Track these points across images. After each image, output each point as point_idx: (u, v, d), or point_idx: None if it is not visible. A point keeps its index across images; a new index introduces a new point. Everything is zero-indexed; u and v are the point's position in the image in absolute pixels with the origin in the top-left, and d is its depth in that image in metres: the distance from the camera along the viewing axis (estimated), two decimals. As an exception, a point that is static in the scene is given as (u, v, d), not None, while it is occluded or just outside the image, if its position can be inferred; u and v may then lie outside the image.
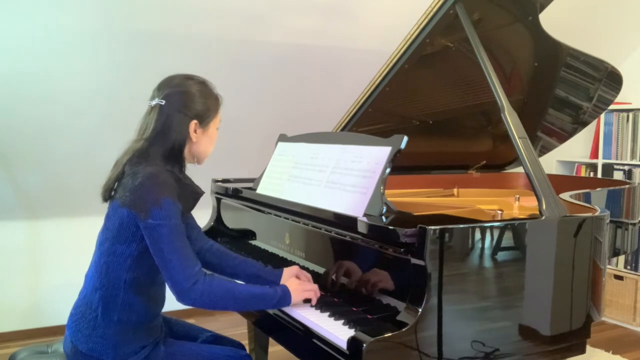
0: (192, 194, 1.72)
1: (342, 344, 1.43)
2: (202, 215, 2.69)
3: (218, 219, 2.59)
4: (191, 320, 3.57)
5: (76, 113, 3.12)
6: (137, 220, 1.57)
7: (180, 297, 1.56)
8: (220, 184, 2.56)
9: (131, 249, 1.61)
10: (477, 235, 1.55)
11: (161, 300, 1.75)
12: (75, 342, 1.64)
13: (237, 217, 2.47)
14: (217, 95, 1.78)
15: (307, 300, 1.73)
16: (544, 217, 1.70)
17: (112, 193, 1.68)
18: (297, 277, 1.85)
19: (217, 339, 1.95)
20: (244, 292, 1.63)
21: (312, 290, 1.73)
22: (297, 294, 1.70)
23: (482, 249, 1.56)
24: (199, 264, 1.59)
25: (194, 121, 1.69)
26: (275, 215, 2.08)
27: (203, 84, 1.75)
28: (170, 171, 1.66)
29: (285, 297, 1.67)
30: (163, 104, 1.67)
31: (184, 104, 1.68)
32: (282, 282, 1.86)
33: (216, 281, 1.60)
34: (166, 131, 1.67)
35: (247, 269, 1.93)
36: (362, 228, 1.64)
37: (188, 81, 1.73)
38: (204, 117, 1.72)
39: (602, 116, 3.85)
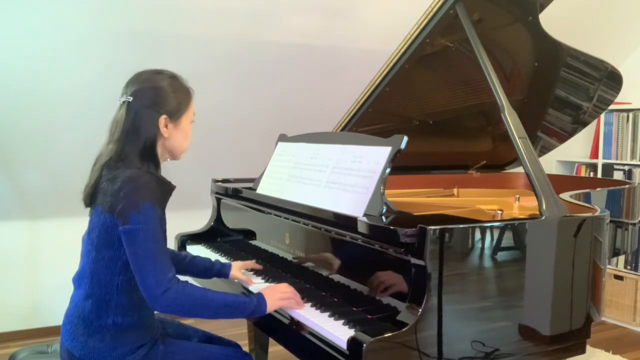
0: (168, 190, 1.68)
1: (342, 344, 1.43)
2: (202, 216, 2.70)
3: (218, 219, 2.59)
4: (190, 321, 3.57)
5: (76, 113, 3.12)
6: (118, 224, 1.55)
7: (152, 304, 1.54)
8: (220, 184, 2.56)
9: (119, 252, 1.59)
10: (477, 235, 1.55)
11: None
12: (71, 349, 1.63)
13: (237, 217, 2.47)
14: (188, 88, 1.74)
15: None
16: (544, 217, 1.70)
17: (92, 197, 1.67)
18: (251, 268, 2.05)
19: (212, 339, 1.96)
20: (216, 300, 1.60)
21: (290, 298, 1.69)
22: (273, 302, 1.67)
23: (482, 249, 1.56)
24: (173, 271, 1.57)
25: (164, 116, 1.66)
26: (275, 215, 2.08)
27: (172, 77, 1.72)
28: (152, 173, 1.63)
29: (260, 305, 1.65)
30: (131, 100, 1.65)
31: (152, 99, 1.65)
32: (232, 274, 2.01)
33: (189, 289, 1.57)
34: (135, 129, 1.64)
35: (197, 265, 2.02)
36: (362, 228, 1.64)
37: (156, 76, 1.70)
38: (175, 112, 1.68)
39: (602, 116, 3.85)
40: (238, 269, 2.04)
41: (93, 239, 1.63)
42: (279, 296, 1.69)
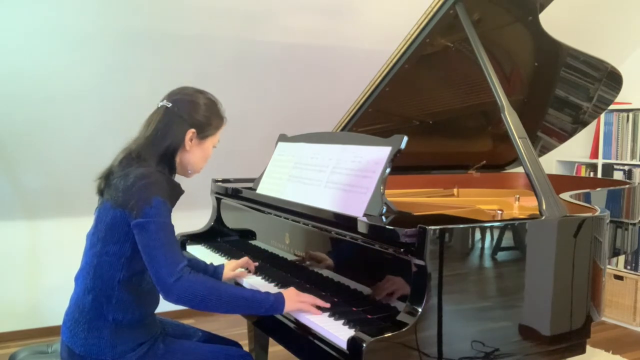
0: (177, 193, 1.72)
1: (342, 344, 1.43)
2: (202, 215, 2.70)
3: (218, 219, 2.59)
4: (191, 320, 3.57)
5: (76, 113, 3.13)
6: (129, 219, 1.58)
7: (164, 293, 1.55)
8: (220, 184, 2.56)
9: (124, 248, 1.62)
10: (477, 235, 1.55)
11: (155, 298, 1.75)
12: (71, 346, 1.64)
13: (237, 217, 2.47)
14: (223, 116, 1.83)
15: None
16: (544, 217, 1.70)
17: (103, 187, 1.69)
18: (247, 268, 2.08)
19: (211, 338, 1.96)
20: (230, 293, 1.61)
21: (308, 302, 1.67)
22: (291, 304, 1.65)
23: (482, 249, 1.56)
24: (185, 262, 1.59)
25: (192, 130, 1.73)
26: (275, 215, 2.08)
27: (213, 101, 1.81)
28: (163, 173, 1.68)
29: (277, 304, 1.64)
30: (169, 106, 1.73)
31: (187, 111, 1.73)
32: (224, 275, 2.01)
33: (201, 279, 1.58)
34: (164, 132, 1.70)
35: (191, 267, 1.98)
36: (362, 228, 1.64)
37: (199, 94, 1.79)
38: (203, 130, 1.75)
39: (602, 116, 3.85)
40: (231, 269, 2.05)
41: (99, 233, 1.65)
42: (298, 298, 1.67)
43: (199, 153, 1.77)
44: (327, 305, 1.67)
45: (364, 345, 1.35)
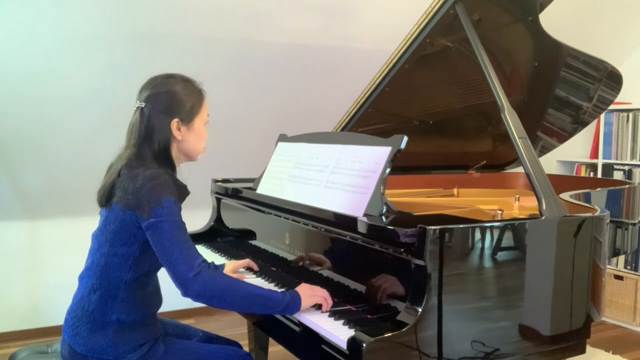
0: (184, 194, 1.71)
1: (342, 344, 1.43)
2: (202, 215, 2.70)
3: (218, 219, 2.59)
4: (191, 320, 3.57)
5: (76, 113, 3.13)
6: (140, 220, 1.57)
7: (184, 289, 1.54)
8: (220, 184, 2.56)
9: (133, 249, 1.62)
10: (477, 235, 1.55)
11: (159, 299, 1.77)
12: (73, 345, 1.64)
13: (237, 217, 2.47)
14: (201, 90, 1.76)
15: (318, 306, 1.68)
16: (544, 217, 1.70)
17: (108, 198, 1.67)
18: (249, 267, 2.05)
19: (211, 339, 1.96)
20: (248, 290, 1.60)
21: (322, 296, 1.67)
22: (307, 299, 1.64)
23: (482, 249, 1.56)
24: (202, 257, 1.59)
25: (175, 119, 1.69)
26: (275, 215, 2.08)
27: (185, 81, 1.74)
28: (170, 174, 1.67)
29: (294, 302, 1.62)
30: (143, 106, 1.68)
31: (163, 103, 1.68)
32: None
33: (220, 274, 1.59)
34: (149, 133, 1.67)
35: None
36: (362, 228, 1.64)
37: (169, 80, 1.73)
38: (186, 114, 1.70)
39: (602, 116, 3.85)
40: (231, 271, 2.03)
41: (108, 235, 1.64)
42: (311, 292, 1.67)
43: (192, 138, 1.73)
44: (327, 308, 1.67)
45: (364, 345, 1.35)
